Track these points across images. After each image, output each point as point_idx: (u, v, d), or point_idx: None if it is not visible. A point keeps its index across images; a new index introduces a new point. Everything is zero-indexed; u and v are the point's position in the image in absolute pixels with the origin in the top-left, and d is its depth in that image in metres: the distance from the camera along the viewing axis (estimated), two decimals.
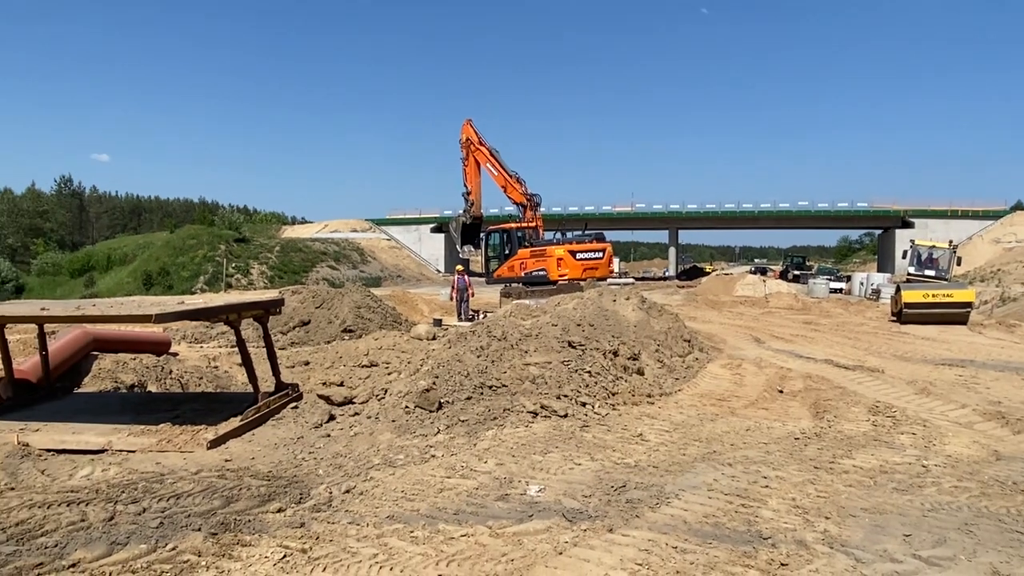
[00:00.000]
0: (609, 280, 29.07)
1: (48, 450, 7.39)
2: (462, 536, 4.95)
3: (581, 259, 28.73)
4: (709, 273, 69.95)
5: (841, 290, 45.12)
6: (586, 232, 32.14)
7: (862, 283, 43.28)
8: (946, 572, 4.44)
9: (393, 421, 8.35)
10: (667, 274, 79.51)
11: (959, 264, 32.81)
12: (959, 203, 76.13)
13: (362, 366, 12.06)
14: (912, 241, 32.40)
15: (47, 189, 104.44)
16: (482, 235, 32.80)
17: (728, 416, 8.94)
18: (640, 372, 10.35)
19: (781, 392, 10.38)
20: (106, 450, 7.42)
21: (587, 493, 5.88)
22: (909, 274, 29.76)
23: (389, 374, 10.89)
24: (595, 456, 7.01)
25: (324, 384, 10.35)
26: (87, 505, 5.72)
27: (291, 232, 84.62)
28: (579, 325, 10.91)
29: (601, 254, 29.47)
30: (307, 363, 13.46)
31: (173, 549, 4.82)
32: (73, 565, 4.59)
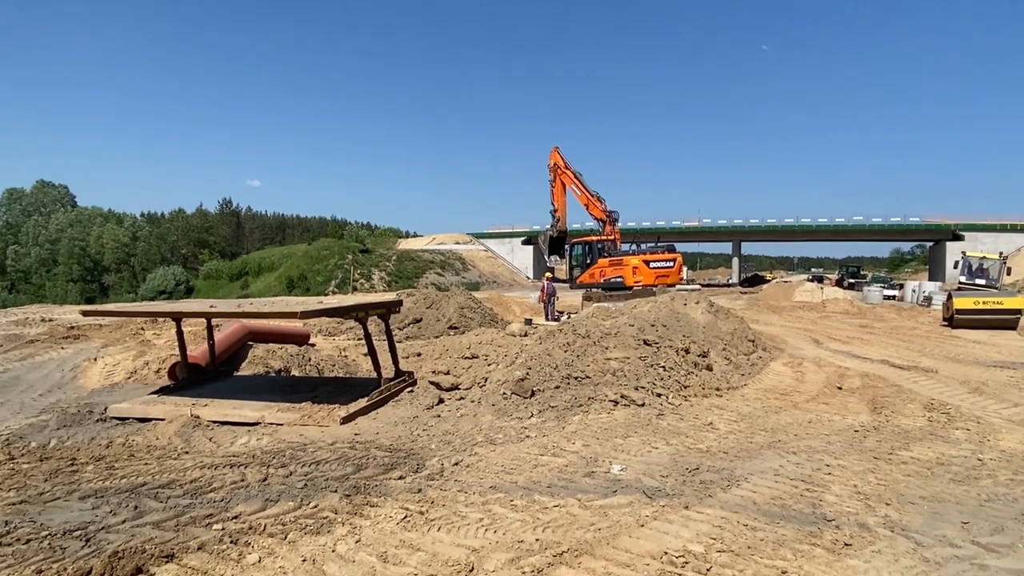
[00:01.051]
0: (678, 286, 28.65)
1: (214, 422, 7.75)
2: (555, 506, 4.92)
3: (654, 267, 28.63)
4: (769, 281, 67.52)
5: (894, 297, 42.71)
6: (659, 244, 32.11)
7: (914, 291, 40.83)
8: (1004, 559, 4.12)
9: (493, 405, 8.39)
10: (730, 281, 77.24)
11: (1009, 273, 30.63)
12: (1008, 217, 71.21)
13: (465, 358, 12.18)
14: (963, 252, 30.46)
15: (212, 209, 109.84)
16: (567, 247, 32.98)
17: (791, 409, 8.56)
18: (709, 368, 10.08)
19: (840, 389, 9.88)
20: (259, 423, 7.73)
21: (664, 473, 5.74)
22: (960, 283, 27.94)
23: (488, 365, 10.96)
24: (670, 441, 6.84)
25: (434, 372, 10.49)
26: (246, 468, 5.98)
27: (405, 244, 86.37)
28: (653, 325, 10.73)
29: (672, 263, 29.30)
30: (419, 354, 13.68)
31: (315, 507, 4.98)
32: (235, 517, 4.80)
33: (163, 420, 7.76)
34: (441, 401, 8.91)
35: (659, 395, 8.57)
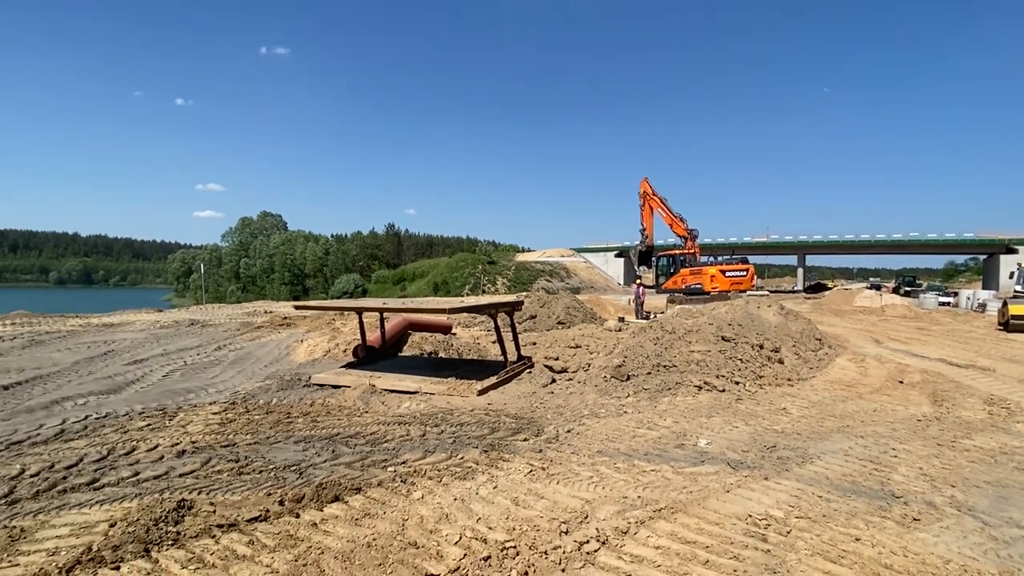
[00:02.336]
0: (748, 292, 27.17)
1: (385, 390, 8.08)
2: (651, 470, 4.74)
3: (729, 276, 27.62)
4: (831, 288, 62.23)
5: (949, 303, 38.17)
6: (733, 256, 31.00)
7: (968, 298, 36.21)
8: None
9: (596, 386, 8.24)
10: (795, 288, 71.97)
11: None
12: None
13: (571, 347, 12.03)
14: (1019, 264, 27.02)
15: (380, 231, 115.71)
16: (654, 259, 32.24)
17: (856, 399, 7.78)
18: (781, 361, 9.38)
19: (901, 383, 8.88)
20: (418, 392, 8.00)
21: (745, 449, 5.39)
22: (1016, 291, 24.57)
23: (590, 353, 10.77)
24: (748, 422, 6.41)
25: (546, 358, 10.44)
26: (409, 426, 6.18)
27: (521, 257, 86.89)
28: (730, 324, 10.14)
29: (745, 272, 28.15)
30: (534, 343, 13.63)
31: (461, 458, 5.07)
32: (403, 462, 4.96)
33: (349, 387, 8.19)
34: (553, 381, 8.85)
35: (737, 383, 8.05)
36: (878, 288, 50.90)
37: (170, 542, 3.36)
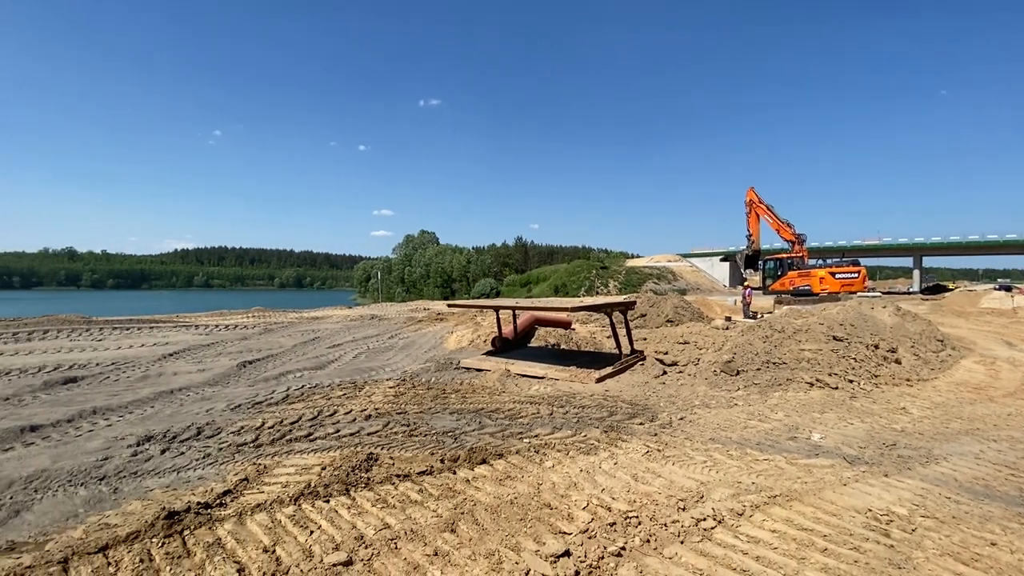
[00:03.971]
0: (860, 294, 23.83)
1: (518, 374, 8.24)
2: (764, 459, 4.32)
3: (840, 278, 24.47)
4: (951, 290, 52.51)
5: None
6: (844, 259, 27.46)
7: None
8: None
9: (706, 379, 7.72)
10: (911, 290, 61.79)
11: None
12: None
13: (679, 343, 11.38)
14: None
15: (510, 243, 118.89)
16: (761, 262, 29.47)
17: (986, 402, 6.48)
18: (898, 362, 8.08)
19: None
20: (544, 377, 8.05)
21: (861, 445, 4.71)
22: None
23: (699, 349, 10.12)
24: (864, 420, 5.59)
25: (657, 352, 10.00)
26: (539, 405, 6.23)
27: (631, 262, 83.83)
28: (841, 324, 8.94)
29: (857, 275, 24.75)
30: (645, 339, 13.09)
31: (584, 435, 5.01)
32: (536, 436, 5.01)
33: (490, 371, 8.47)
34: (664, 373, 8.45)
35: (851, 381, 7.04)
36: (1008, 289, 42.00)
37: (362, 485, 3.70)
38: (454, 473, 3.99)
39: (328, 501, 3.45)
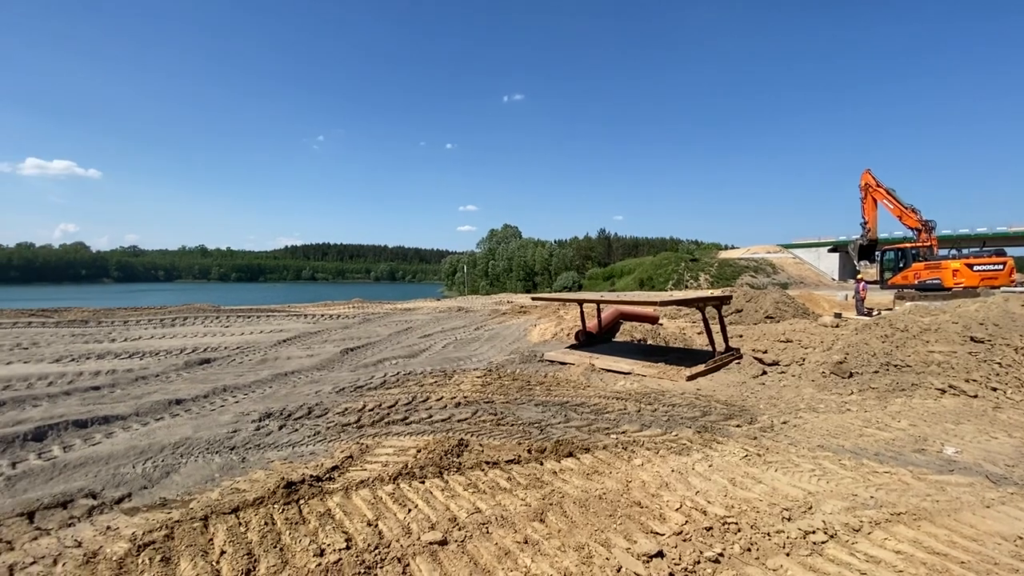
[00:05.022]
0: (1004, 288, 20.36)
1: (603, 368, 8.11)
2: (885, 472, 3.86)
3: (978, 270, 20.85)
4: None
5: None
6: (984, 248, 23.44)
7: None
8: None
9: (812, 380, 7.09)
10: None
11: None
12: None
13: (781, 341, 10.54)
14: None
15: (593, 235, 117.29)
16: (877, 253, 26.18)
17: None
18: None
19: None
20: (631, 373, 7.84)
21: (1009, 463, 4.05)
22: None
23: (804, 348, 9.30)
24: (1012, 434, 4.80)
25: (755, 351, 9.34)
26: (626, 401, 6.10)
27: (724, 255, 78.82)
28: (982, 323, 7.73)
29: (1001, 266, 20.91)
30: (741, 336, 12.27)
31: (675, 435, 4.82)
32: (623, 432, 4.91)
33: (573, 364, 8.42)
34: (764, 373, 7.88)
35: (994, 389, 6.04)
36: None
37: (454, 469, 3.86)
38: (541, 464, 4.03)
39: (423, 482, 3.63)
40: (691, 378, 7.50)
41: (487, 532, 2.95)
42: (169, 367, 7.73)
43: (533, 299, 10.96)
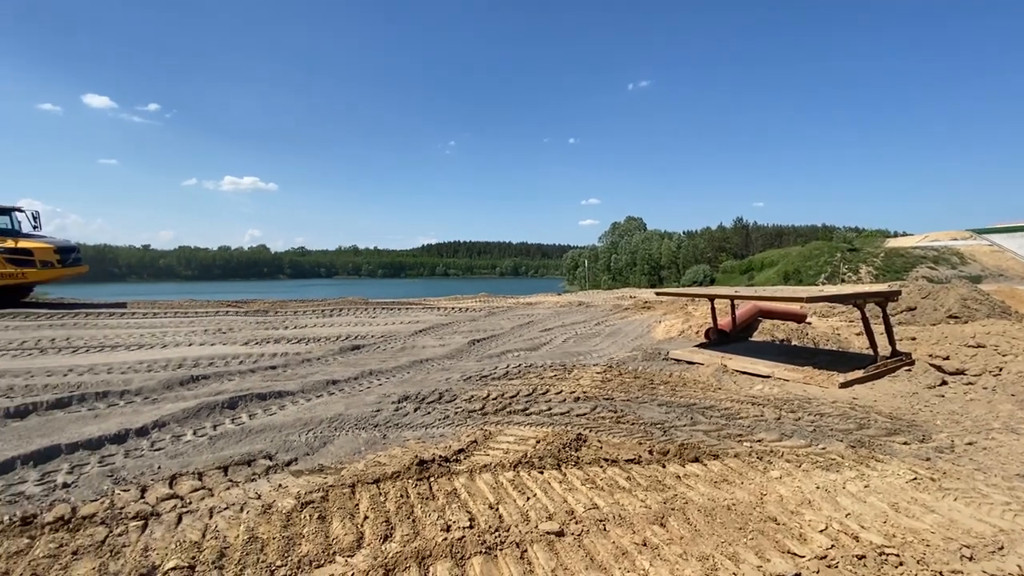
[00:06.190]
0: None
1: (736, 370, 7.51)
2: None
3: None
4: None
5: None
6: None
7: None
8: None
9: (1012, 395, 5.77)
10: None
11: None
12: None
13: (969, 346, 8.72)
14: None
15: (727, 225, 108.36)
16: None
17: None
18: None
19: None
20: (770, 376, 7.15)
21: None
22: None
23: (1002, 356, 7.61)
24: None
25: (931, 356, 7.88)
26: (763, 407, 5.58)
27: (893, 243, 67.12)
28: None
29: None
30: (914, 339, 10.42)
31: (823, 448, 4.29)
32: (759, 441, 4.50)
33: (702, 364, 7.91)
34: (943, 383, 6.61)
35: None
36: None
37: (572, 463, 3.88)
38: (663, 466, 3.87)
39: (542, 473, 3.71)
40: (846, 385, 6.59)
41: (604, 529, 2.93)
42: (327, 352, 8.90)
43: (658, 294, 10.52)
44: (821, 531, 2.89)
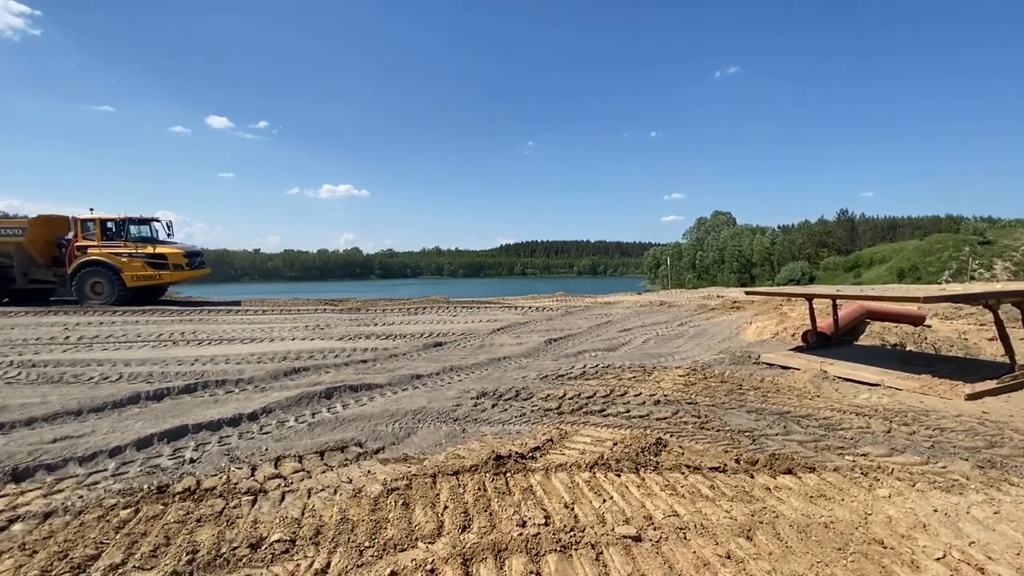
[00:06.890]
0: None
1: (838, 377, 6.87)
2: None
3: None
4: None
5: None
6: None
7: None
8: None
9: None
10: None
11: None
12: None
13: None
14: None
15: (830, 218, 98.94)
16: None
17: None
18: None
19: None
20: (879, 384, 6.45)
21: None
22: None
23: None
24: None
25: None
26: (870, 418, 5.06)
27: None
28: None
29: None
30: None
31: (943, 467, 3.81)
32: (864, 455, 4.10)
33: (799, 369, 7.32)
34: None
35: None
36: None
37: (651, 468, 3.77)
38: (751, 477, 3.64)
39: (619, 475, 3.65)
40: (973, 396, 5.79)
41: (684, 538, 2.82)
42: (412, 348, 9.35)
43: (748, 293, 9.88)
44: (938, 559, 2.57)
